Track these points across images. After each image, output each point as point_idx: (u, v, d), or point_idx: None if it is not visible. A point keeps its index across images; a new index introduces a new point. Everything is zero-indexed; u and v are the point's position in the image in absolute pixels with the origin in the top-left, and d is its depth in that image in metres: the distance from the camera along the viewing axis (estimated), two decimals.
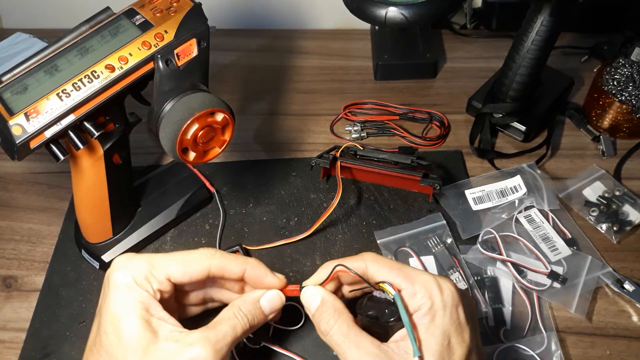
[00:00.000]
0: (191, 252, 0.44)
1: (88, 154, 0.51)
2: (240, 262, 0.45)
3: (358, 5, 0.67)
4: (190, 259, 0.43)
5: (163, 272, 0.42)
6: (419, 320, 0.39)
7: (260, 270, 0.45)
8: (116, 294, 0.41)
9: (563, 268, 0.57)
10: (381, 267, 0.42)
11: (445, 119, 0.73)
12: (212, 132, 0.49)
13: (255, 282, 0.45)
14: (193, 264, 0.43)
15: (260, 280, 0.45)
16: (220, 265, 0.44)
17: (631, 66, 0.70)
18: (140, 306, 0.40)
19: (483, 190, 0.63)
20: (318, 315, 0.42)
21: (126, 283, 0.41)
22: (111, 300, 0.40)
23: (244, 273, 0.45)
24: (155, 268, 0.42)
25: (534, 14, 0.61)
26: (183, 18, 0.47)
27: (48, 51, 0.45)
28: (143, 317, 0.39)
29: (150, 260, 0.43)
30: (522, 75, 0.65)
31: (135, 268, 0.42)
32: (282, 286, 0.46)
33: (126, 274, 0.41)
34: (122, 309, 0.40)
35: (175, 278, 0.43)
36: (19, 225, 0.63)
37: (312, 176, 0.67)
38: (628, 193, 0.63)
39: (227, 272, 0.44)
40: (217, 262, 0.44)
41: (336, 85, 0.80)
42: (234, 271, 0.44)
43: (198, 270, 0.43)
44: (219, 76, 0.81)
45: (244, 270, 0.44)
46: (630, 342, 0.53)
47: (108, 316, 0.40)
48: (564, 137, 0.71)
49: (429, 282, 0.40)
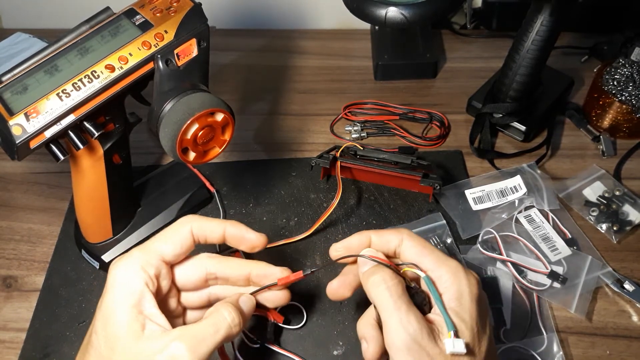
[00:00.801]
0: (171, 225, 0.44)
1: (88, 154, 0.51)
2: (220, 221, 0.45)
3: (358, 5, 0.67)
4: (172, 230, 0.44)
5: (155, 255, 0.42)
6: (447, 304, 0.40)
7: (240, 227, 0.45)
8: (109, 294, 0.41)
9: (563, 268, 0.57)
10: (414, 246, 0.43)
11: (445, 119, 0.73)
12: (212, 132, 0.49)
13: (237, 241, 0.46)
14: (176, 234, 0.44)
15: (241, 237, 0.45)
16: (201, 226, 0.44)
17: (631, 66, 0.70)
18: (131, 303, 0.40)
19: (483, 190, 0.63)
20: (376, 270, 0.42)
21: (121, 279, 0.41)
22: (104, 300, 0.41)
23: (224, 232, 0.45)
24: (147, 253, 0.42)
25: (534, 14, 0.61)
26: (183, 18, 0.47)
27: (48, 51, 0.45)
28: (131, 315, 0.39)
29: (141, 248, 0.43)
30: (522, 75, 0.65)
31: (130, 262, 0.42)
32: (264, 243, 0.46)
33: (121, 270, 0.41)
34: (112, 308, 0.40)
35: (167, 254, 0.43)
36: (19, 225, 0.63)
37: (312, 176, 0.67)
38: (628, 193, 0.63)
39: (209, 232, 0.44)
40: (197, 225, 0.44)
41: (336, 85, 0.80)
42: (215, 230, 0.45)
43: (183, 237, 0.43)
44: (219, 76, 0.81)
45: (224, 228, 0.45)
46: (630, 342, 0.53)
47: (99, 316, 0.40)
48: (564, 137, 0.72)
49: (457, 268, 0.41)
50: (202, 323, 0.41)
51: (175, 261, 0.44)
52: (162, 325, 0.40)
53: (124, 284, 0.41)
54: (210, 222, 0.45)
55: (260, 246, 0.46)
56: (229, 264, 0.46)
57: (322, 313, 0.55)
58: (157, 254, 0.43)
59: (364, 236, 0.45)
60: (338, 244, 0.45)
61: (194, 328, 0.40)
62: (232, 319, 0.42)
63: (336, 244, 0.46)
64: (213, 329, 0.41)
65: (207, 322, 0.41)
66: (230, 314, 0.42)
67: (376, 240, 0.44)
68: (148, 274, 0.41)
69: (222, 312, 0.42)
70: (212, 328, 0.41)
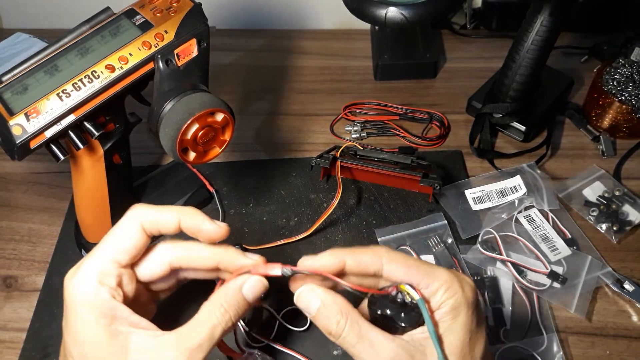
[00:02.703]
0: (118, 224, 0.40)
1: (88, 154, 0.51)
2: (173, 210, 0.40)
3: (358, 5, 0.67)
4: (121, 231, 0.39)
5: (109, 263, 0.38)
6: (441, 319, 0.37)
7: (196, 217, 0.40)
8: (75, 316, 0.37)
9: (563, 268, 0.57)
10: (398, 266, 0.39)
11: (445, 119, 0.73)
12: (212, 132, 0.49)
13: (194, 232, 0.41)
14: (126, 234, 0.39)
15: (198, 229, 0.40)
16: (152, 219, 0.40)
17: (631, 66, 0.70)
18: (103, 322, 0.36)
19: (483, 190, 0.63)
20: (322, 318, 0.38)
21: (83, 298, 0.37)
22: (71, 324, 0.37)
23: (179, 223, 0.40)
24: (100, 263, 0.38)
25: (534, 14, 0.61)
26: (183, 18, 0.47)
27: (48, 51, 0.45)
28: (109, 332, 0.36)
29: (93, 257, 0.39)
30: (522, 75, 0.65)
31: (86, 277, 0.38)
32: (223, 234, 0.41)
33: (80, 288, 0.37)
34: (86, 332, 0.37)
35: (122, 259, 0.39)
36: (19, 225, 0.63)
37: (312, 176, 0.67)
38: (628, 193, 0.63)
39: (162, 225, 0.40)
40: (147, 218, 0.40)
41: (336, 85, 0.80)
42: (168, 222, 0.40)
43: (134, 237, 0.39)
44: (219, 76, 0.81)
45: (179, 218, 0.40)
46: (630, 342, 0.53)
47: (71, 342, 0.37)
48: (564, 137, 0.72)
49: (450, 279, 0.38)
50: (198, 328, 0.38)
51: (133, 261, 0.40)
52: (147, 328, 0.38)
53: (90, 302, 0.37)
54: (162, 213, 0.40)
55: (219, 238, 0.41)
56: (194, 255, 0.41)
57: None
58: (111, 261, 0.39)
59: (336, 259, 0.39)
60: (307, 261, 0.40)
61: (189, 333, 0.37)
62: (225, 322, 0.39)
63: (305, 260, 0.40)
64: (208, 334, 0.38)
65: (201, 326, 0.38)
66: (225, 315, 0.39)
67: (352, 264, 0.39)
68: (109, 287, 0.38)
69: (216, 315, 0.39)
70: (207, 333, 0.38)
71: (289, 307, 0.54)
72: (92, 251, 0.39)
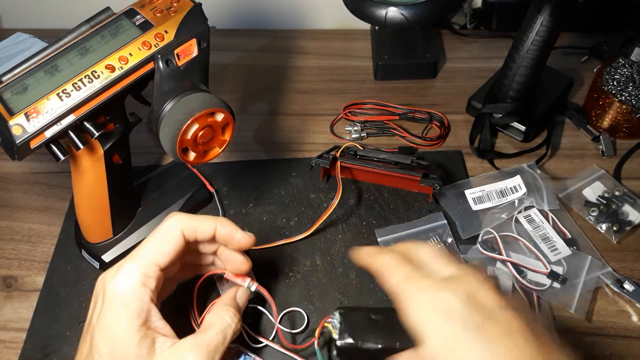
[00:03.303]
0: (161, 229, 0.43)
1: (88, 154, 0.51)
2: (211, 220, 0.45)
3: (358, 5, 0.67)
4: (165, 235, 0.43)
5: (153, 267, 0.42)
6: None
7: (230, 227, 0.46)
8: (111, 312, 0.39)
9: (563, 268, 0.57)
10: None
11: (445, 119, 0.73)
12: (212, 132, 0.49)
13: (226, 240, 0.46)
14: (169, 239, 0.43)
15: (231, 237, 0.46)
16: (192, 227, 0.44)
17: (631, 66, 0.70)
18: (137, 322, 0.39)
19: (483, 190, 0.63)
20: None
21: (123, 297, 0.40)
22: (105, 319, 0.39)
23: (215, 231, 0.45)
24: (144, 265, 0.41)
25: (534, 14, 0.61)
26: (183, 18, 0.47)
27: (48, 51, 0.45)
28: (140, 333, 0.39)
29: (137, 259, 0.42)
30: (522, 75, 0.65)
31: (129, 277, 0.41)
32: (251, 243, 0.47)
33: (122, 287, 0.40)
34: (118, 328, 0.39)
35: (164, 262, 0.42)
36: (19, 225, 0.63)
37: (312, 176, 0.67)
38: (628, 193, 0.63)
39: (200, 232, 0.44)
40: (188, 225, 0.44)
41: (336, 85, 0.80)
42: (206, 231, 0.45)
43: (176, 242, 0.43)
44: (219, 76, 0.81)
45: (215, 228, 0.45)
46: (630, 342, 0.53)
47: (101, 337, 0.39)
48: (564, 137, 0.72)
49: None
50: (211, 332, 0.42)
51: (170, 265, 0.43)
52: (168, 335, 0.41)
53: (128, 303, 0.40)
54: (201, 222, 0.45)
55: (248, 246, 0.47)
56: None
57: (323, 314, 0.55)
58: (154, 265, 0.42)
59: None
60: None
61: (205, 338, 0.41)
62: (235, 323, 0.44)
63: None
64: (222, 336, 0.42)
65: (214, 331, 0.42)
66: (234, 318, 0.44)
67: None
68: (150, 289, 0.41)
69: (226, 318, 0.44)
70: (221, 336, 0.42)
71: (287, 309, 0.55)
72: (134, 253, 0.42)
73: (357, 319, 0.49)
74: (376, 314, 0.49)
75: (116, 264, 0.43)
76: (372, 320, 0.49)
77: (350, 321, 0.48)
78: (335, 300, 0.56)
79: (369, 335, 0.47)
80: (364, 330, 0.48)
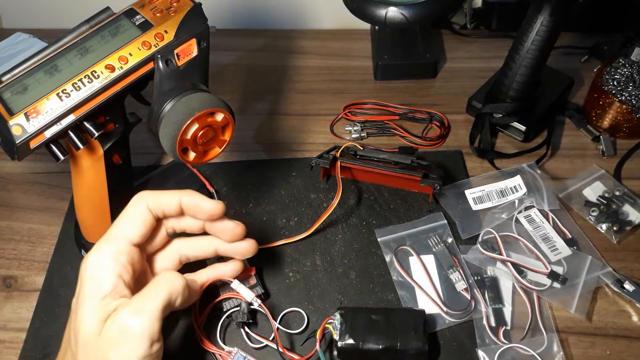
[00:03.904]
0: (127, 207, 0.45)
1: (88, 154, 0.51)
2: (175, 193, 0.46)
3: (358, 5, 0.67)
4: (130, 211, 0.45)
5: (123, 241, 0.43)
6: None
7: (194, 196, 0.46)
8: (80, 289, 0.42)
9: (563, 268, 0.57)
10: None
11: (445, 119, 0.73)
12: (212, 132, 0.49)
13: (194, 210, 0.46)
14: (135, 214, 0.44)
15: (197, 206, 0.46)
16: (156, 201, 0.45)
17: (631, 66, 0.70)
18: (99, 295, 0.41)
19: (483, 190, 0.63)
20: None
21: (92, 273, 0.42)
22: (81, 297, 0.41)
23: (180, 202, 0.46)
24: (114, 242, 0.43)
25: (534, 14, 0.61)
26: (183, 18, 0.47)
27: (48, 51, 0.45)
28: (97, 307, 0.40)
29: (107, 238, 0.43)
30: (522, 75, 0.65)
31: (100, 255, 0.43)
32: (221, 210, 0.47)
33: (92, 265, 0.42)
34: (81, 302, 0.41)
35: (134, 237, 0.44)
36: (19, 225, 0.63)
37: (312, 176, 0.67)
38: (628, 193, 0.63)
39: (165, 205, 0.45)
40: (152, 200, 0.45)
41: (336, 85, 0.80)
42: (170, 202, 0.45)
43: (143, 216, 0.44)
44: (219, 76, 0.81)
45: (180, 199, 0.46)
46: (630, 342, 0.53)
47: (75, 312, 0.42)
48: (564, 137, 0.71)
49: None
50: (144, 288, 0.42)
51: (143, 241, 0.45)
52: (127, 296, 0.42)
53: (95, 277, 0.41)
54: (164, 195, 0.46)
55: (218, 214, 0.47)
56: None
57: (322, 314, 0.55)
58: (125, 239, 0.43)
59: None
60: None
61: (137, 294, 0.42)
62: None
63: None
64: (154, 288, 0.42)
65: (148, 286, 0.43)
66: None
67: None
68: (121, 263, 0.42)
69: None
70: (153, 288, 0.42)
71: (287, 309, 0.55)
72: (106, 234, 0.44)
73: (358, 320, 0.49)
74: (376, 315, 0.50)
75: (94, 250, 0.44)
76: (373, 320, 0.49)
77: (351, 322, 0.49)
78: (335, 301, 0.56)
79: (369, 336, 0.47)
80: (364, 331, 0.48)
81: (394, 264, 0.57)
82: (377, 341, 0.48)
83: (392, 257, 0.58)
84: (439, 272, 0.57)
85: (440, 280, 0.56)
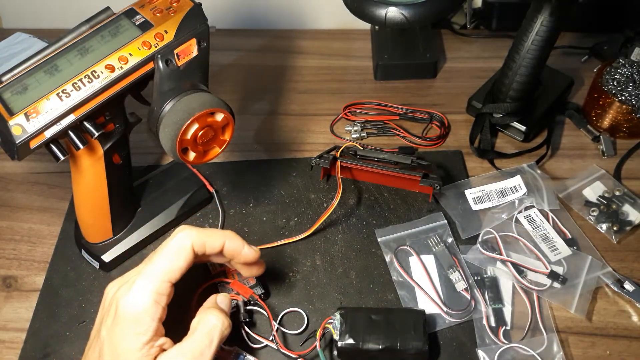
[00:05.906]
0: (172, 244, 0.44)
1: (88, 154, 0.51)
2: (220, 235, 0.46)
3: (358, 5, 0.67)
4: (175, 251, 0.43)
5: (165, 284, 0.42)
6: None
7: (237, 242, 0.47)
8: (121, 328, 0.40)
9: (563, 268, 0.57)
10: None
11: (445, 119, 0.73)
12: (212, 132, 0.49)
13: (233, 255, 0.47)
14: (180, 254, 0.43)
15: (238, 252, 0.47)
16: (201, 241, 0.45)
17: (631, 66, 0.70)
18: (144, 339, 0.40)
19: (483, 190, 0.63)
20: None
21: (133, 313, 0.40)
22: (115, 333, 0.40)
23: (223, 246, 0.46)
24: (156, 281, 0.42)
25: (534, 14, 0.61)
26: (183, 18, 0.47)
27: (48, 51, 0.45)
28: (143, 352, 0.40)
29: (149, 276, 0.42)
30: (522, 75, 0.65)
31: (141, 294, 0.41)
32: (257, 257, 0.48)
33: (133, 304, 0.41)
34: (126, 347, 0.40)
35: (175, 278, 0.43)
36: (19, 225, 0.63)
37: (312, 176, 0.67)
38: (628, 193, 0.63)
39: (209, 247, 0.45)
40: (197, 240, 0.44)
41: (336, 85, 0.80)
42: (214, 245, 0.45)
43: (187, 257, 0.44)
44: (219, 76, 0.81)
45: (223, 243, 0.46)
46: (630, 342, 0.53)
47: (109, 350, 0.40)
48: (564, 137, 0.71)
49: None
50: (196, 337, 0.42)
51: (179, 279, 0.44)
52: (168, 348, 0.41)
53: (139, 321, 0.40)
54: (210, 237, 0.45)
55: (253, 261, 0.48)
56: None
57: (322, 314, 0.55)
58: (166, 282, 0.42)
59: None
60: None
61: (190, 345, 0.41)
62: (222, 324, 0.43)
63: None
64: (208, 339, 0.41)
65: (199, 334, 0.42)
66: (219, 319, 0.43)
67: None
68: (162, 306, 0.41)
69: (211, 320, 0.43)
70: (207, 339, 0.41)
71: (287, 309, 0.55)
72: (145, 269, 0.42)
73: (358, 320, 0.49)
74: (376, 315, 0.50)
75: (126, 278, 0.43)
76: (373, 320, 0.49)
77: (351, 322, 0.49)
78: (335, 301, 0.56)
79: (369, 336, 0.47)
80: (364, 331, 0.48)
81: (394, 264, 0.57)
82: (377, 341, 0.48)
83: (392, 257, 0.58)
84: (439, 272, 0.57)
85: (440, 280, 0.56)
